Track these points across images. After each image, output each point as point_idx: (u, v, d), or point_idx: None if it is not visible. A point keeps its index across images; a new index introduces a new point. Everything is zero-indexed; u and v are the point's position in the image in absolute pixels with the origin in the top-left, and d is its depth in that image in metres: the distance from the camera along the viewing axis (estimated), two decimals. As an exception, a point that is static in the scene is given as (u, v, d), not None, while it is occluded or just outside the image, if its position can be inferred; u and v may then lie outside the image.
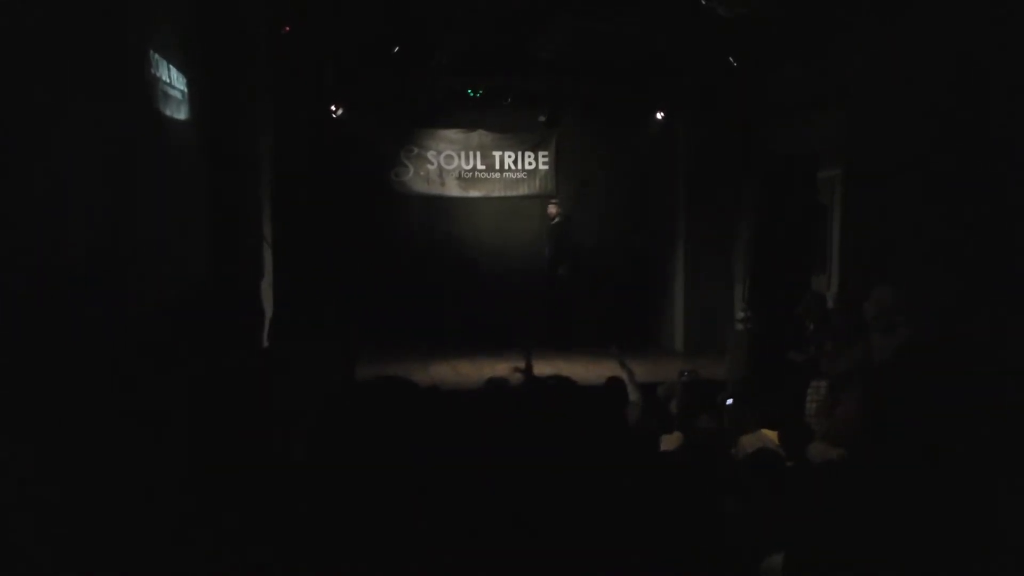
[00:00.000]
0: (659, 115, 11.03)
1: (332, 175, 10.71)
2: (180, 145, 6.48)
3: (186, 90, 6.58)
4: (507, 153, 11.69)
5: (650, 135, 11.28)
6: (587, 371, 8.62)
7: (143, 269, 5.38)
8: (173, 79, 6.22)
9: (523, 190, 11.73)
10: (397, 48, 9.42)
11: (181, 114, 6.51)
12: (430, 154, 11.61)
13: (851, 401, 4.65)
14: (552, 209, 11.02)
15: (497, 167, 11.70)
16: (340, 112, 10.69)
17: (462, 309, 11.16)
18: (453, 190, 11.67)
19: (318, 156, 10.45)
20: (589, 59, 9.87)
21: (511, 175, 11.72)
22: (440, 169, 11.62)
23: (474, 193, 11.70)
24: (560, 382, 5.11)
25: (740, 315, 8.99)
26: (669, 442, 4.65)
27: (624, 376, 5.86)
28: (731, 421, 5.08)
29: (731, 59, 9.03)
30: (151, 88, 5.75)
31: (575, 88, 10.75)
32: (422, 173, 11.61)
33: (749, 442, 4.58)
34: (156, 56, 5.77)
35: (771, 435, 4.69)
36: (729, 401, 5.50)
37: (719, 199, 10.47)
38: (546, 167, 11.74)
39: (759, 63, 8.98)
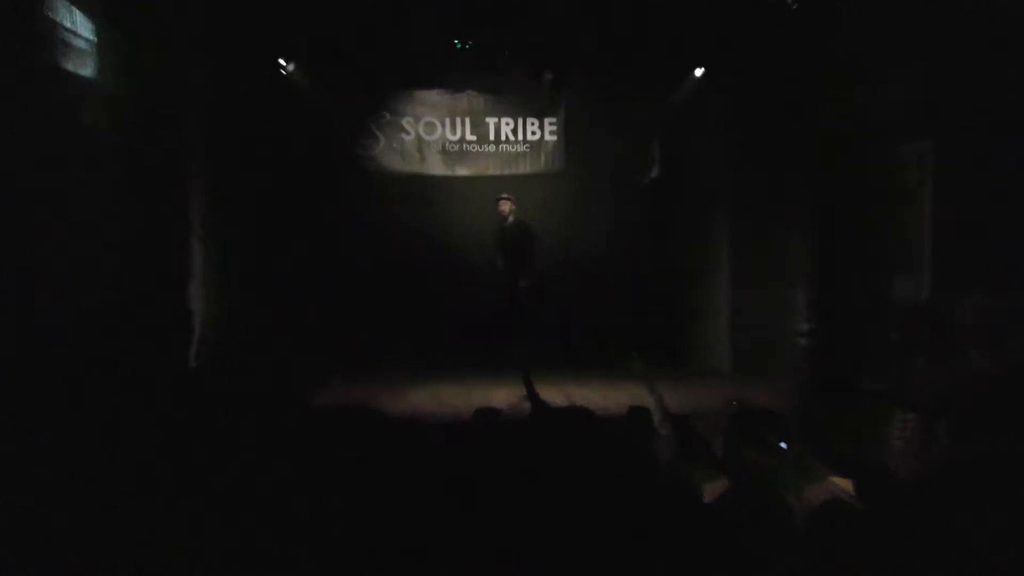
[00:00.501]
0: (697, 73, 10.98)
1: (280, 148, 10.66)
2: (84, 109, 6.41)
3: (94, 39, 6.52)
4: (504, 120, 11.67)
5: (685, 99, 11.24)
6: (604, 398, 8.55)
7: (36, 266, 5.31)
8: (77, 25, 6.15)
9: (525, 167, 11.70)
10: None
11: (87, 69, 6.44)
12: (406, 121, 11.57)
13: (948, 437, 4.59)
14: (505, 206, 10.56)
15: (492, 138, 11.67)
16: (291, 68, 10.64)
17: (447, 319, 11.10)
18: (435, 167, 11.63)
19: (263, 124, 10.40)
20: (608, 3, 9.83)
21: (510, 148, 11.69)
22: (419, 140, 11.58)
23: (462, 171, 11.66)
24: (571, 414, 5.06)
25: (802, 328, 8.94)
26: (712, 491, 4.59)
27: (652, 405, 5.79)
28: (792, 465, 5.03)
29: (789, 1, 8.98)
30: (47, 35, 5.68)
31: (590, 39, 10.70)
32: (396, 145, 11.57)
33: (816, 493, 4.52)
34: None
35: (844, 484, 4.63)
36: (784, 445, 5.45)
37: (773, 181, 10.41)
38: (554, 138, 11.70)
39: (821, 7, 8.94)
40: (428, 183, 11.63)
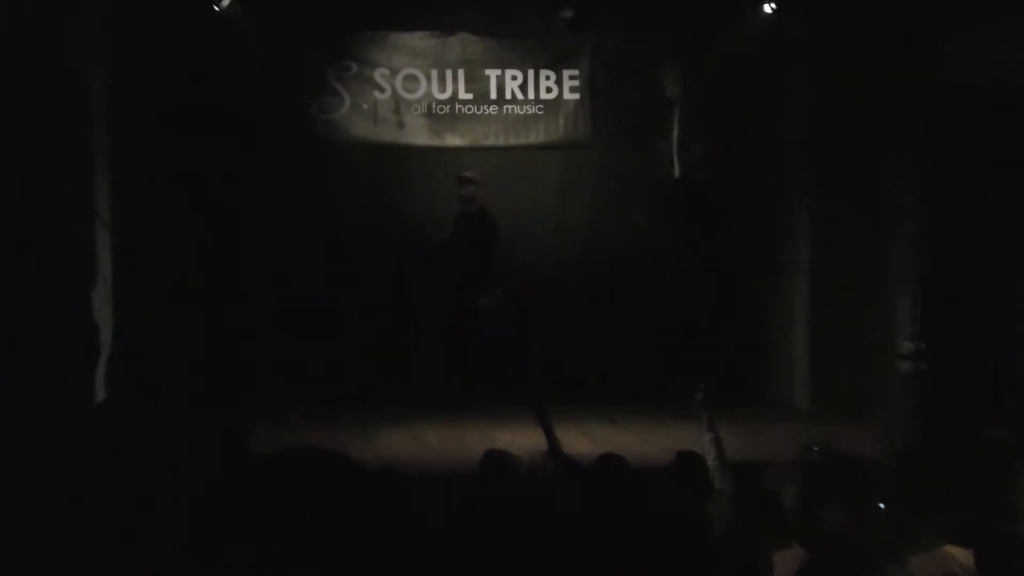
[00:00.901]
0: (767, 8, 11.00)
1: (213, 111, 10.69)
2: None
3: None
4: (510, 73, 11.73)
5: (749, 45, 11.25)
6: (643, 442, 8.60)
7: None
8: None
9: (537, 135, 11.78)
10: None
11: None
12: (379, 74, 11.62)
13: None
14: (467, 187, 10.33)
15: (493, 96, 11.74)
16: (225, 2, 10.67)
17: (431, 338, 11.12)
18: (418, 135, 11.68)
19: (190, 78, 10.44)
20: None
21: (517, 110, 11.76)
22: (396, 99, 11.64)
23: (454, 141, 11.73)
24: (602, 462, 5.10)
25: (905, 349, 8.96)
26: (784, 562, 4.63)
27: (709, 451, 5.82)
28: (891, 529, 5.06)
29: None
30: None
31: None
32: (366, 106, 11.62)
33: (924, 565, 4.55)
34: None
35: (960, 554, 4.66)
36: (881, 504, 5.48)
37: (868, 155, 10.42)
38: (575, 96, 11.76)
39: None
40: (409, 156, 11.67)
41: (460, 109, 11.72)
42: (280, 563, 3.00)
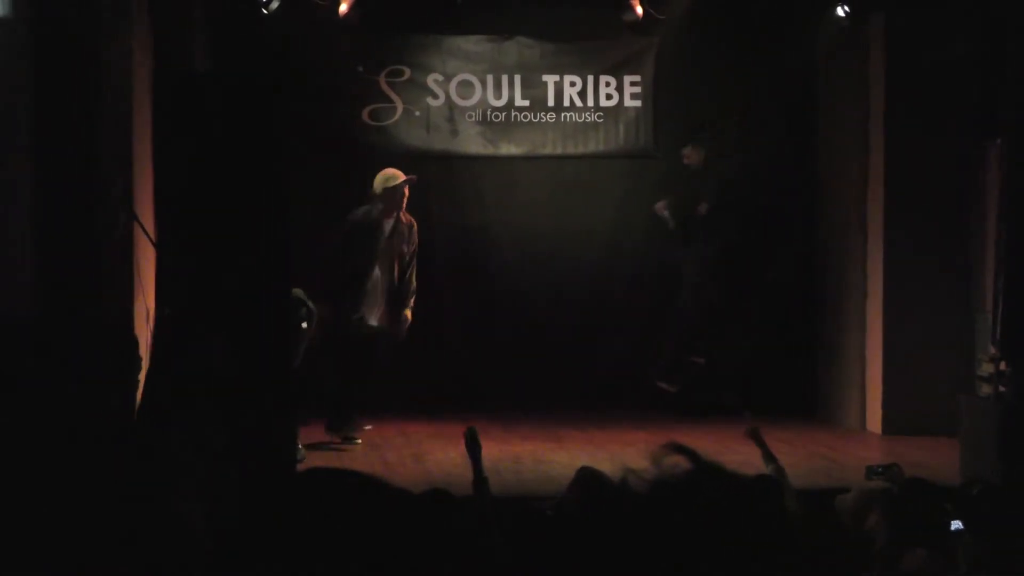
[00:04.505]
0: (841, 11, 10.94)
1: (259, 117, 10.72)
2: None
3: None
4: (569, 79, 11.70)
5: (825, 46, 11.18)
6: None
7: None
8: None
9: (597, 144, 11.76)
10: None
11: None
12: (432, 80, 11.63)
13: None
14: None
15: (551, 103, 11.71)
16: (275, 5, 10.71)
17: (485, 359, 11.12)
18: (472, 144, 11.71)
19: (236, 83, 10.47)
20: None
21: (575, 117, 11.73)
22: (450, 107, 11.64)
23: (510, 150, 11.75)
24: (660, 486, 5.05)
25: (985, 369, 8.86)
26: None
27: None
28: (972, 561, 5.00)
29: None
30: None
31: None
32: (418, 114, 11.62)
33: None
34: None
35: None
36: (956, 524, 5.43)
37: (948, 161, 10.33)
38: (637, 104, 11.71)
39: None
40: (463, 166, 11.70)
41: (517, 117, 11.71)
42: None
